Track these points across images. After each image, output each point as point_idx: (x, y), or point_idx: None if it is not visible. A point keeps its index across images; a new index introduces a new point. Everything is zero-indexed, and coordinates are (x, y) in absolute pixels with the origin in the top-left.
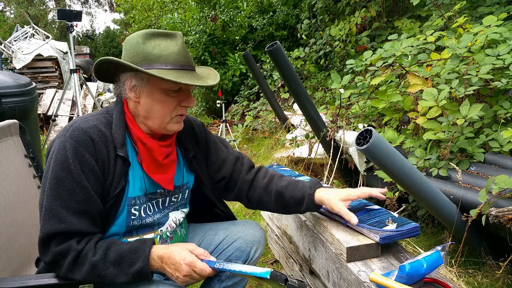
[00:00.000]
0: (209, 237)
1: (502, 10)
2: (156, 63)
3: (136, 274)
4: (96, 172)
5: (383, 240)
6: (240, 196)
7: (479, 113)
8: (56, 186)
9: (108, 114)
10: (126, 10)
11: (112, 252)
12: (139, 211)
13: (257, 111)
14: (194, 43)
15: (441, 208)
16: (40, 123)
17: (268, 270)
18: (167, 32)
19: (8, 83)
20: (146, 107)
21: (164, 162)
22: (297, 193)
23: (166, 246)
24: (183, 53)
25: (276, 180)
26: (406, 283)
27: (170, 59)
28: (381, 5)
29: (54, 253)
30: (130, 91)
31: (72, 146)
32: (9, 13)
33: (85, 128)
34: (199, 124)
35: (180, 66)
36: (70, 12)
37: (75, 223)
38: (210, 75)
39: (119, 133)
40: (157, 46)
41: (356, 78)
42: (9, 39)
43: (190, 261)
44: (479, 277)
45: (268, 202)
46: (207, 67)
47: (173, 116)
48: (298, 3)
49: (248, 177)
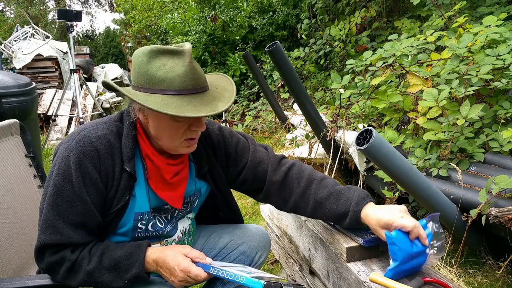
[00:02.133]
0: (213, 240)
1: (502, 10)
2: (159, 88)
3: (132, 279)
4: (98, 185)
5: (366, 243)
6: (271, 199)
7: (479, 113)
8: (55, 196)
9: (120, 123)
10: (126, 10)
11: (107, 258)
12: (146, 226)
13: (257, 111)
14: (194, 43)
15: (441, 208)
16: (40, 123)
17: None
18: (173, 49)
19: (8, 83)
20: (155, 130)
21: (172, 181)
22: (339, 208)
23: (161, 249)
24: (190, 74)
25: (315, 187)
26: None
27: (175, 83)
28: (381, 5)
29: (49, 263)
30: (138, 112)
31: (76, 156)
32: (9, 13)
33: (92, 138)
34: (217, 132)
35: (186, 91)
36: (70, 12)
37: (71, 235)
38: (225, 90)
39: (128, 145)
40: (162, 67)
41: (356, 78)
42: (9, 39)
43: (185, 267)
44: (479, 277)
45: (304, 210)
46: (221, 75)
47: (182, 140)
48: (298, 3)
49: (276, 178)
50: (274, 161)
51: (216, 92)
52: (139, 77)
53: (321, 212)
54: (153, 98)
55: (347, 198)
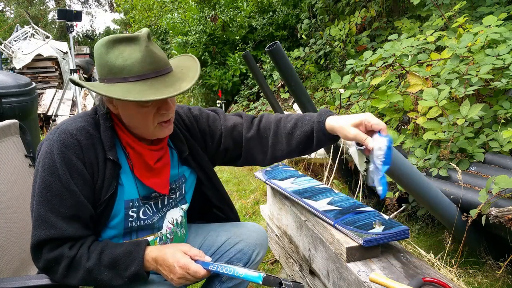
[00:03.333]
0: (211, 238)
1: (502, 10)
2: (120, 76)
3: (132, 277)
4: (85, 176)
5: (366, 243)
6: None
7: (479, 113)
8: (44, 192)
9: (97, 115)
10: (126, 10)
11: (106, 256)
12: (137, 213)
13: (257, 111)
14: (194, 43)
15: (441, 208)
16: (40, 123)
17: (260, 274)
18: (129, 36)
19: (8, 83)
20: (127, 118)
21: (156, 166)
22: (306, 128)
23: (160, 248)
24: (148, 58)
25: (283, 123)
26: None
27: (135, 69)
28: (381, 5)
29: (46, 260)
30: (108, 103)
31: (59, 150)
32: (9, 13)
33: (72, 130)
34: (187, 113)
35: (147, 75)
36: (70, 12)
37: (65, 228)
38: (189, 70)
39: (107, 135)
40: (120, 56)
41: (356, 78)
42: (9, 39)
43: (184, 264)
44: (479, 277)
45: (281, 149)
46: (187, 55)
47: (155, 124)
48: (298, 3)
49: (250, 135)
50: (247, 121)
51: (180, 73)
52: (101, 69)
53: (294, 140)
54: (116, 87)
55: (311, 116)
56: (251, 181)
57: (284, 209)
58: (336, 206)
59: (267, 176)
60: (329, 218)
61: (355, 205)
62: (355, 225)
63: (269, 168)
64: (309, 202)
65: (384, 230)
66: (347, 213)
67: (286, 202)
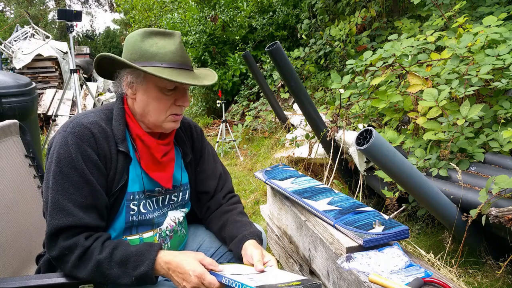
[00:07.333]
0: (209, 239)
1: (502, 10)
2: (152, 61)
3: (139, 277)
4: (99, 166)
5: (366, 243)
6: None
7: (479, 113)
8: (62, 181)
9: (108, 110)
10: (126, 10)
11: (119, 253)
12: (138, 207)
13: (257, 111)
14: (194, 43)
15: (441, 208)
16: (40, 123)
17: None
18: (165, 31)
19: (8, 83)
20: (142, 104)
21: (162, 160)
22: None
23: (174, 253)
24: (180, 52)
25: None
26: None
27: (167, 57)
28: (381, 5)
29: (61, 248)
30: (127, 87)
31: (74, 141)
32: (9, 13)
33: (86, 123)
34: (198, 130)
35: (176, 65)
36: (70, 12)
37: (82, 216)
38: (208, 76)
39: (119, 128)
40: (154, 45)
41: (356, 78)
42: (9, 39)
43: (200, 273)
44: (479, 277)
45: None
46: (206, 68)
47: (168, 115)
48: (298, 3)
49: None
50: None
51: (201, 74)
52: (133, 54)
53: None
54: (147, 68)
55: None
56: (251, 181)
57: (284, 209)
58: (336, 206)
59: (267, 176)
60: (329, 218)
61: (355, 205)
62: (355, 225)
63: (269, 168)
64: (309, 202)
65: (384, 230)
66: (347, 213)
67: (286, 202)
